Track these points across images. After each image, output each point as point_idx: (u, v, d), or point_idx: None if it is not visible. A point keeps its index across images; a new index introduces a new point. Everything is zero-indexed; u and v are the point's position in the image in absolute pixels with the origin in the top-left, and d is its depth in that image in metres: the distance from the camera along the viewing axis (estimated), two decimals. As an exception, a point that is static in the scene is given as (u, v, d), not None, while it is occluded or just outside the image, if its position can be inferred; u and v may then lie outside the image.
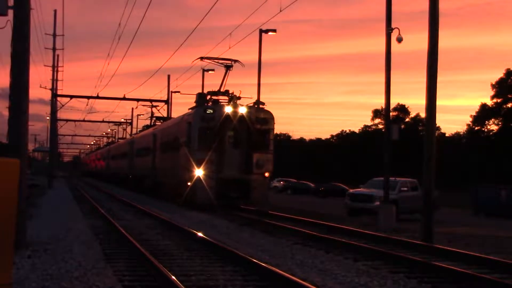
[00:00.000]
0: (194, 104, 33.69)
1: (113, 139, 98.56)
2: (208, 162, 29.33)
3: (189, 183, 30.09)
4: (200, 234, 17.48)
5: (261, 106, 31.25)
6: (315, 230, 20.73)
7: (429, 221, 18.66)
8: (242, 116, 30.11)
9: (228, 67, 32.32)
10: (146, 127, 54.63)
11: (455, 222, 29.81)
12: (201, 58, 32.56)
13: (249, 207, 30.28)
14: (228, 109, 30.16)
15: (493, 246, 18.53)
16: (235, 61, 32.39)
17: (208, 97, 32.67)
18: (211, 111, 30.17)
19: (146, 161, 44.33)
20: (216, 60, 32.89)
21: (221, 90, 32.51)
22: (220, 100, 32.02)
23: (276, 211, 29.01)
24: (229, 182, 29.64)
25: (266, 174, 30.17)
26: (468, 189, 43.58)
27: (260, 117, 30.53)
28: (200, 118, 29.96)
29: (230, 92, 32.24)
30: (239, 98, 31.35)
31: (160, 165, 39.06)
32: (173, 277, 10.80)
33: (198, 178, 29.25)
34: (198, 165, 29.25)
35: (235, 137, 30.36)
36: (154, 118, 52.29)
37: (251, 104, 31.31)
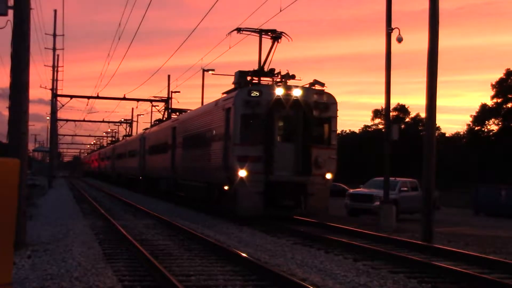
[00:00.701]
0: (232, 87, 26.60)
1: (114, 138, 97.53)
2: (253, 160, 22.84)
3: (225, 187, 24.03)
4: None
5: (319, 87, 24.32)
6: (315, 230, 20.73)
7: (429, 221, 18.66)
8: (296, 100, 23.37)
9: (276, 39, 25.47)
10: (159, 121, 47.57)
11: (455, 222, 29.82)
12: (239, 30, 26.25)
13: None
14: (279, 91, 23.37)
15: (493, 246, 18.54)
16: (281, 33, 25.73)
17: (248, 78, 25.72)
18: (257, 93, 23.33)
19: (162, 160, 37.89)
20: (257, 32, 26.38)
21: (265, 69, 25.77)
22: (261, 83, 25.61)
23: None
24: (281, 186, 23.00)
25: (328, 176, 23.50)
26: (468, 189, 43.61)
27: (320, 101, 23.73)
28: (243, 103, 23.16)
29: (276, 71, 25.58)
30: (293, 76, 24.82)
31: (182, 164, 32.29)
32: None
33: (241, 180, 22.68)
34: (241, 164, 22.70)
35: (287, 128, 23.91)
36: (169, 110, 45.56)
37: (307, 85, 24.42)
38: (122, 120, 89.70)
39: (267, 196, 22.87)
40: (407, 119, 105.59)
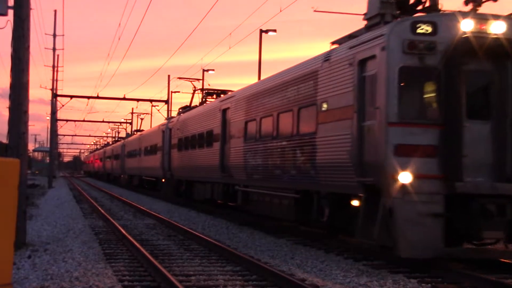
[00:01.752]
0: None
1: (115, 138, 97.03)
2: (423, 153, 12.47)
3: (355, 202, 14.13)
4: None
5: None
6: (315, 229, 20.69)
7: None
8: (498, 43, 12.84)
9: None
10: (185, 109, 36.66)
11: (455, 222, 29.80)
12: None
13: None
14: (466, 26, 12.76)
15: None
16: None
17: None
18: (429, 29, 12.61)
19: (202, 157, 27.62)
20: None
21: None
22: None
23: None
24: (477, 203, 12.44)
25: None
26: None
27: None
28: (404, 46, 12.50)
29: None
30: None
31: (243, 162, 21.52)
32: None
33: (403, 191, 12.25)
34: (401, 161, 12.35)
35: (484, 94, 13.25)
36: (204, 92, 34.63)
37: None
38: (122, 120, 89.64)
39: (451, 221, 12.57)
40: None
